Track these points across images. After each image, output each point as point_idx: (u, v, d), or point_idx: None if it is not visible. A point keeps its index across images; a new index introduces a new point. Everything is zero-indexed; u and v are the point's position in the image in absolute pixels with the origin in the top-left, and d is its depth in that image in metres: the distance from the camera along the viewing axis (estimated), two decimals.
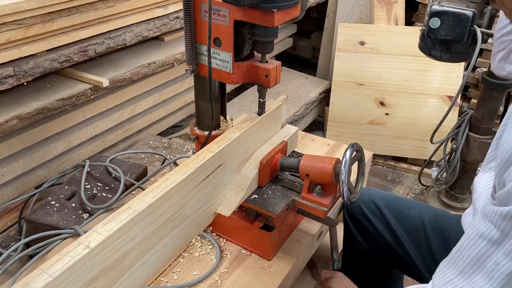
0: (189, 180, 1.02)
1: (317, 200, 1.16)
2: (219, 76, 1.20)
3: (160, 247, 1.01)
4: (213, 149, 1.10)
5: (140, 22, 1.83)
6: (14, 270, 1.18)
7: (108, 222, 0.87)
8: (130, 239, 0.90)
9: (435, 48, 1.81)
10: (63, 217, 1.33)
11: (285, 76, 3.09)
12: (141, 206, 0.92)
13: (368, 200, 1.40)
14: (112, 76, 1.69)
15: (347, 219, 1.46)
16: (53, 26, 1.51)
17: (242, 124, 1.22)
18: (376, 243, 1.39)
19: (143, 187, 1.46)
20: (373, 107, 2.73)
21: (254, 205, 1.18)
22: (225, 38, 1.12)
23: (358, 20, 2.97)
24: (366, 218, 1.39)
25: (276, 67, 1.17)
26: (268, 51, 1.16)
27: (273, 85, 1.19)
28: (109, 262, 0.86)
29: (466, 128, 2.17)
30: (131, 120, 1.96)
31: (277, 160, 1.25)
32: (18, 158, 1.53)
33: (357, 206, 1.41)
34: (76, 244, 0.83)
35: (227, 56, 1.15)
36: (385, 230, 1.36)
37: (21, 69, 1.43)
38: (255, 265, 1.19)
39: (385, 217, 1.36)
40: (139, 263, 0.95)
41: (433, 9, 1.72)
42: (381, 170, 2.78)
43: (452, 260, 0.86)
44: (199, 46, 1.19)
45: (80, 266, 0.80)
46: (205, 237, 1.25)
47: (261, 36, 1.12)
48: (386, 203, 1.38)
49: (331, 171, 1.12)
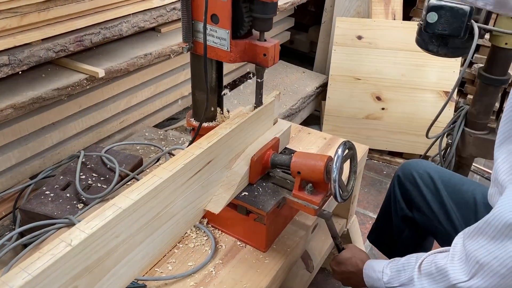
0: (177, 176, 1.00)
1: (308, 198, 1.15)
2: (216, 55, 1.16)
3: (146, 245, 0.98)
4: (202, 145, 1.08)
5: (136, 12, 1.82)
6: (8, 260, 1.18)
7: (92, 219, 0.85)
8: (114, 236, 0.87)
9: (432, 42, 1.81)
10: (57, 207, 1.33)
11: (282, 69, 3.08)
12: (126, 203, 0.89)
13: (423, 171, 1.44)
14: (108, 67, 1.68)
15: (395, 184, 1.51)
16: (49, 15, 1.49)
17: (233, 119, 1.20)
18: (421, 211, 1.43)
19: (138, 178, 1.46)
20: (370, 101, 2.73)
21: (244, 202, 1.17)
22: (223, 15, 1.10)
23: (356, 14, 2.96)
24: (417, 187, 1.44)
25: (275, 45, 1.14)
26: (267, 29, 1.14)
27: (271, 65, 1.16)
28: (93, 260, 0.83)
29: (461, 124, 2.17)
30: (127, 111, 1.95)
31: (269, 157, 1.24)
32: (12, 148, 1.52)
33: (410, 175, 1.46)
34: (58, 241, 0.79)
35: (224, 33, 1.12)
36: (435, 201, 1.40)
37: (16, 58, 1.41)
38: (250, 257, 1.19)
39: (438, 189, 1.40)
40: (124, 261, 0.93)
41: (430, 3, 1.72)
42: (377, 165, 2.78)
43: (481, 229, 0.91)
44: (196, 23, 1.15)
45: (62, 264, 0.77)
46: (200, 228, 1.25)
47: (260, 13, 1.10)
48: (440, 175, 1.42)
49: (323, 169, 1.11)
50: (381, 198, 2.48)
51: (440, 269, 1.00)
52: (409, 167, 1.48)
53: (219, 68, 1.26)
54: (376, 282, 1.20)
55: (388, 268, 1.17)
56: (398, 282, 1.12)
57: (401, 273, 1.12)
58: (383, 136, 2.76)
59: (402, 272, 1.12)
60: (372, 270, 1.22)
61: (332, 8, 3.03)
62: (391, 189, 1.55)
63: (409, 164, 1.50)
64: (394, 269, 1.15)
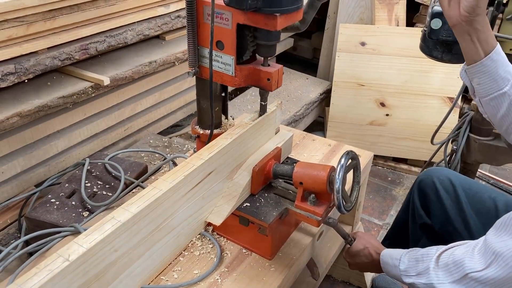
0: (177, 188, 0.99)
1: (311, 209, 1.13)
2: (221, 79, 1.19)
3: (146, 258, 0.97)
4: (203, 156, 1.07)
5: (141, 20, 1.83)
6: (13, 268, 1.18)
7: (91, 233, 0.83)
8: (113, 250, 0.87)
9: (436, 49, 1.81)
10: (63, 215, 1.33)
11: (286, 76, 3.08)
12: (125, 216, 0.88)
13: (444, 177, 1.43)
14: (113, 75, 1.69)
15: (415, 191, 1.50)
16: (55, 23, 1.50)
17: (235, 130, 1.19)
18: (439, 219, 1.42)
19: (143, 185, 1.46)
20: (374, 108, 2.72)
21: (246, 214, 1.16)
22: (228, 42, 1.12)
23: (359, 20, 2.97)
24: (436, 193, 1.42)
25: (278, 70, 1.17)
26: (270, 54, 1.16)
27: (275, 89, 1.19)
28: (91, 275, 0.82)
29: (466, 130, 2.17)
30: (131, 118, 1.96)
31: (270, 167, 1.23)
32: (18, 156, 1.52)
33: (430, 181, 1.45)
34: (56, 256, 0.78)
35: (229, 59, 1.15)
36: (454, 208, 1.39)
37: (22, 66, 1.42)
38: (256, 265, 1.19)
39: (458, 195, 1.39)
40: (124, 275, 0.92)
41: (434, 10, 1.72)
42: (381, 171, 2.78)
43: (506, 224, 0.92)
44: (201, 49, 1.19)
45: (59, 280, 0.76)
46: (205, 236, 1.25)
47: (263, 40, 1.13)
48: (461, 183, 1.41)
49: (325, 179, 1.10)
50: (386, 205, 2.48)
51: (457, 261, 1.00)
52: (430, 173, 1.48)
53: (224, 85, 1.29)
54: (393, 269, 1.20)
55: (406, 257, 1.17)
56: (415, 271, 1.11)
57: (419, 263, 1.11)
58: (387, 142, 2.75)
59: (420, 262, 1.11)
60: (389, 257, 1.23)
61: (335, 15, 3.04)
62: (409, 197, 1.54)
63: (431, 170, 1.49)
64: (413, 259, 1.14)
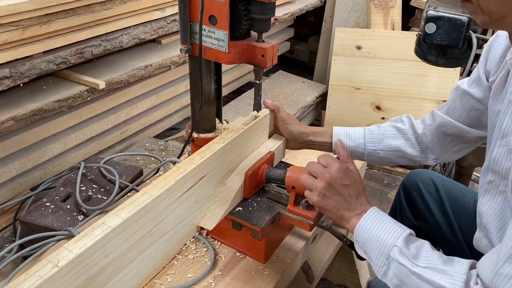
0: (169, 193, 0.99)
1: (303, 213, 1.13)
2: (214, 56, 1.15)
3: (138, 263, 0.97)
4: (195, 160, 1.06)
5: (137, 24, 1.84)
6: (8, 272, 1.17)
7: (81, 239, 0.83)
8: (104, 255, 0.86)
9: (431, 53, 1.82)
10: (58, 218, 1.33)
11: (282, 79, 3.09)
12: (116, 221, 0.88)
13: (428, 180, 1.43)
14: (108, 78, 1.69)
15: (401, 193, 1.50)
16: (50, 27, 1.51)
17: (227, 134, 1.18)
18: (425, 221, 1.43)
19: (138, 189, 1.46)
20: (370, 111, 2.73)
21: (238, 218, 1.15)
22: (221, 16, 1.08)
23: (355, 24, 2.98)
24: (421, 196, 1.43)
25: (273, 46, 1.13)
26: (265, 29, 1.12)
27: (270, 66, 1.14)
28: (81, 281, 0.82)
29: None
30: (127, 122, 1.96)
31: (263, 172, 1.22)
32: (13, 160, 1.53)
33: (415, 183, 1.45)
34: (45, 262, 0.78)
35: (222, 34, 1.10)
36: (438, 210, 1.39)
37: (17, 70, 1.43)
38: (250, 268, 1.19)
39: (441, 198, 1.39)
40: (115, 280, 0.91)
41: (429, 14, 1.73)
42: (377, 174, 2.78)
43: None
44: (193, 24, 1.14)
45: (48, 286, 0.76)
46: (199, 239, 1.25)
47: (257, 14, 1.08)
48: (444, 185, 1.41)
49: None
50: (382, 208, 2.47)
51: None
52: (414, 176, 1.48)
53: (218, 79, 1.27)
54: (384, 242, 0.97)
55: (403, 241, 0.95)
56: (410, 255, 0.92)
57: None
58: None
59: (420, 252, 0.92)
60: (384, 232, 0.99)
61: (331, 19, 3.05)
62: (397, 199, 1.54)
63: (415, 173, 1.50)
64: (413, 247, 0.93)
